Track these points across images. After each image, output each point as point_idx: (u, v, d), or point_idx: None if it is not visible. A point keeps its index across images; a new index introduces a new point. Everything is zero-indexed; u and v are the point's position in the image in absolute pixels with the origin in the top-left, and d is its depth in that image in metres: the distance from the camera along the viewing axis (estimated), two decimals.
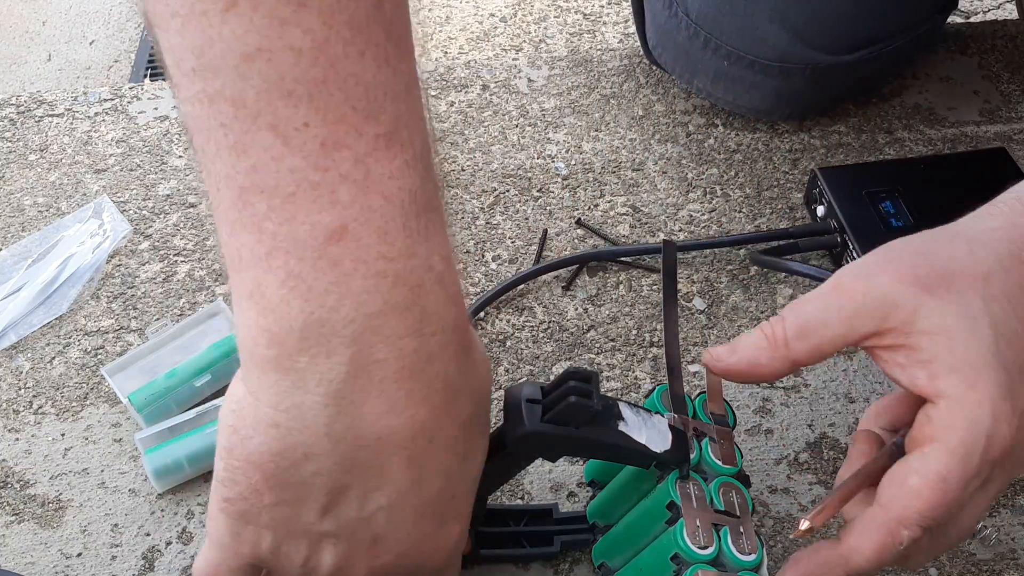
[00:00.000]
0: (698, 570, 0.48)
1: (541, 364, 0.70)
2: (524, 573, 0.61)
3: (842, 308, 0.46)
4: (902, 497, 0.43)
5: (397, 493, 0.43)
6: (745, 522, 0.50)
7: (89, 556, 0.62)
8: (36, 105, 0.89)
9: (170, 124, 0.87)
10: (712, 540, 0.49)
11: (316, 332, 0.38)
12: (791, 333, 0.47)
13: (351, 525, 0.43)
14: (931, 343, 0.44)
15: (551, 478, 0.64)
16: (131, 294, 0.75)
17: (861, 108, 0.87)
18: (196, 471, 0.64)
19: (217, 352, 0.68)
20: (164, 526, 0.63)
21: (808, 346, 0.47)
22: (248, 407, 0.40)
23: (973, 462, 0.43)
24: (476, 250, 0.77)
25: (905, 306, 0.44)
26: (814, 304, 0.47)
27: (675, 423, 0.52)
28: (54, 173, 0.83)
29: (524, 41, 1.41)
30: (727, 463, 0.52)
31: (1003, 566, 0.61)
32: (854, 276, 0.47)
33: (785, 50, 0.79)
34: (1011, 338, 0.44)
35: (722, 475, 0.52)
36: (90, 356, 0.71)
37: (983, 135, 0.85)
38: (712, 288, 0.74)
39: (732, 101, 0.84)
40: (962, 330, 0.43)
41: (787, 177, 0.82)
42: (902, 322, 0.44)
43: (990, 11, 1.39)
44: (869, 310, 0.45)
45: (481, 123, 0.87)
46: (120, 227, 0.77)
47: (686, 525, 0.49)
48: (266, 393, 0.40)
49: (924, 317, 0.44)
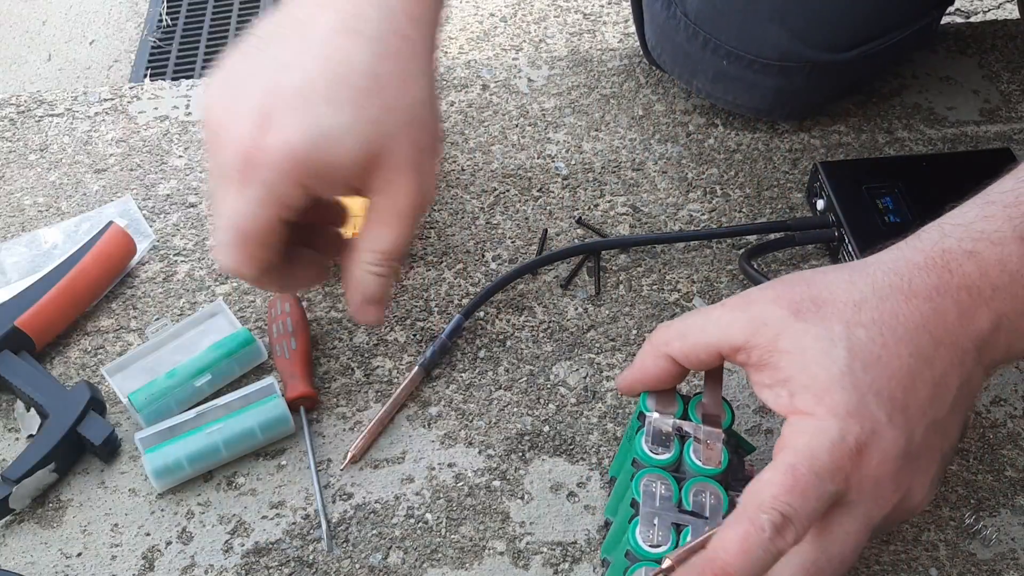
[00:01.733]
0: (641, 568, 0.49)
1: (541, 364, 0.70)
2: (524, 573, 0.61)
3: (720, 319, 0.50)
4: (756, 488, 0.45)
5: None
6: (714, 524, 0.50)
7: (89, 556, 0.62)
8: (36, 105, 0.89)
9: (170, 124, 0.87)
10: (668, 539, 0.50)
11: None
12: (673, 334, 0.52)
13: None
14: (789, 362, 0.47)
15: (551, 478, 0.65)
16: (131, 294, 0.75)
17: (861, 108, 0.87)
18: (196, 471, 0.64)
19: (217, 352, 0.68)
20: (164, 526, 0.63)
21: (684, 346, 0.52)
22: None
23: (821, 458, 0.45)
24: (476, 250, 0.77)
25: (774, 326, 0.48)
26: (701, 313, 0.52)
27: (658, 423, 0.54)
28: (54, 173, 0.83)
29: (524, 41, 1.40)
30: (709, 464, 0.52)
31: (1003, 566, 0.61)
32: (744, 296, 0.51)
33: (784, 49, 0.79)
34: (870, 362, 0.46)
35: (701, 476, 0.52)
36: (90, 356, 0.71)
37: (983, 135, 0.85)
38: (712, 288, 0.74)
39: (732, 101, 0.84)
40: (817, 351, 0.47)
41: (787, 177, 0.82)
42: (768, 340, 0.48)
43: (990, 11, 1.39)
44: (741, 324, 0.49)
45: (481, 123, 0.87)
46: (144, 233, 0.77)
47: (640, 523, 0.50)
48: None
49: (786, 338, 0.47)
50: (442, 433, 0.67)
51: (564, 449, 0.66)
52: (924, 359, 0.48)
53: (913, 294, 0.48)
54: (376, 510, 0.64)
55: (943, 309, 0.48)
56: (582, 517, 0.63)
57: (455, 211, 0.80)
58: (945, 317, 0.48)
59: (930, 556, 0.61)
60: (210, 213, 0.64)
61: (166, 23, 1.52)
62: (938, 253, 0.49)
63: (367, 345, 0.71)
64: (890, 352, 0.47)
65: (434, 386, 0.69)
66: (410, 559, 0.61)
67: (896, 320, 0.48)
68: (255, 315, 0.73)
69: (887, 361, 0.47)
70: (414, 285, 0.75)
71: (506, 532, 0.62)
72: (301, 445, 0.66)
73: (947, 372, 0.48)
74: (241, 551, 0.62)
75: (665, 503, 0.51)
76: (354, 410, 0.68)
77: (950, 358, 0.48)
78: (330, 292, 0.75)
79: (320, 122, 0.52)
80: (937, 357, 0.48)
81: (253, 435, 0.65)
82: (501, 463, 0.65)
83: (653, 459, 0.53)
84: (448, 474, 0.65)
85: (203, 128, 0.55)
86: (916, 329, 0.48)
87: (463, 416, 0.68)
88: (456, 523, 0.63)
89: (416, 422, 0.68)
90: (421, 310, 0.73)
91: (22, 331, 0.68)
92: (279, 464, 0.66)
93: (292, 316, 0.70)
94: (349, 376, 0.70)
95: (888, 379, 0.47)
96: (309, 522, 0.63)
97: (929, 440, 0.48)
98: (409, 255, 0.77)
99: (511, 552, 0.62)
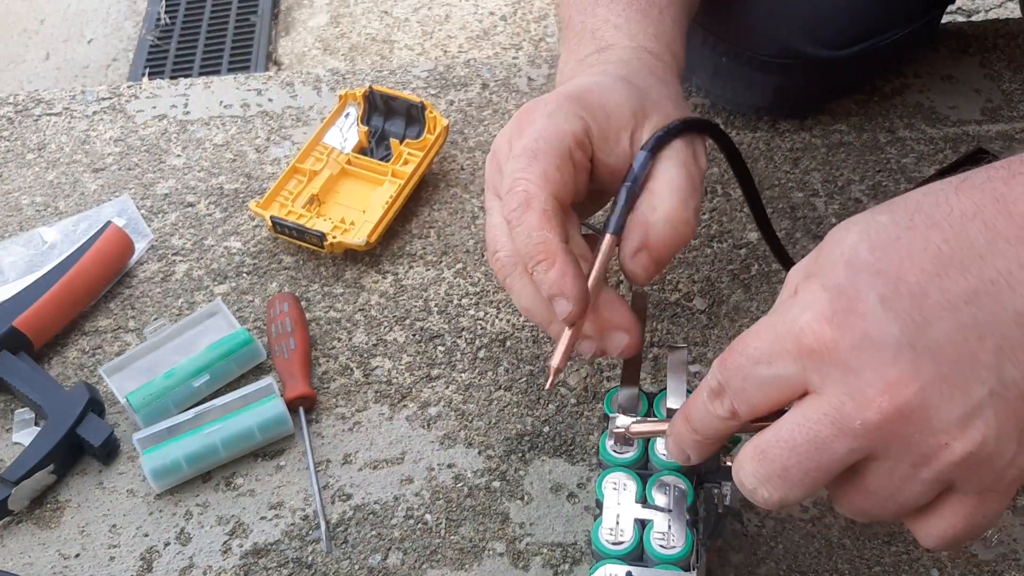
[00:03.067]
0: (604, 565, 0.50)
1: (541, 364, 0.70)
2: (524, 574, 0.60)
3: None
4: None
5: None
6: (676, 516, 0.51)
7: (87, 557, 0.62)
8: (34, 104, 0.89)
9: (168, 123, 0.87)
10: (630, 536, 0.50)
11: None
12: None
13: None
14: (811, 256, 0.44)
15: (551, 479, 0.64)
16: (129, 294, 0.75)
17: (862, 107, 0.87)
18: (194, 471, 0.64)
19: (215, 352, 0.68)
20: (162, 527, 0.63)
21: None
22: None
23: (754, 341, 0.42)
24: (476, 250, 0.77)
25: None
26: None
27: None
28: (52, 172, 0.83)
29: (524, 40, 1.40)
30: (674, 458, 0.52)
31: (1005, 567, 0.61)
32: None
33: (783, 46, 0.78)
34: (881, 243, 0.41)
35: (666, 470, 0.53)
36: (88, 356, 0.71)
37: (984, 134, 0.85)
38: (713, 288, 0.74)
39: (731, 99, 0.84)
40: (831, 240, 0.42)
41: (788, 176, 0.82)
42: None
43: (992, 10, 1.38)
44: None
45: (481, 122, 0.86)
46: (142, 233, 0.77)
47: (603, 522, 0.51)
48: None
49: (826, 240, 0.43)
50: (442, 434, 0.67)
51: (564, 450, 0.66)
52: (969, 249, 0.39)
53: (967, 186, 0.41)
54: (375, 511, 0.63)
55: (1008, 196, 0.40)
56: (582, 518, 0.63)
57: (455, 211, 0.79)
58: (1011, 205, 0.39)
59: (932, 557, 0.61)
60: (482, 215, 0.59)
61: (164, 22, 1.52)
62: (1005, 163, 0.41)
63: (366, 345, 0.71)
64: (916, 235, 0.40)
65: (434, 386, 0.69)
66: (409, 560, 0.61)
67: (937, 208, 0.40)
68: (254, 315, 0.73)
69: (907, 243, 0.40)
70: (414, 285, 0.75)
71: (506, 533, 0.62)
72: (300, 446, 0.66)
73: (1012, 272, 0.39)
74: (240, 552, 0.62)
75: (626, 500, 0.52)
76: (353, 410, 0.68)
77: (1019, 256, 0.39)
78: (329, 292, 0.74)
79: (586, 81, 0.56)
80: (994, 251, 0.39)
81: (252, 435, 0.65)
82: (501, 464, 0.65)
83: (617, 459, 0.54)
84: (448, 475, 0.65)
85: (488, 166, 0.57)
86: (963, 216, 0.40)
87: (463, 416, 0.68)
88: (456, 524, 0.63)
89: (416, 422, 0.67)
90: (421, 310, 0.73)
91: (20, 331, 0.68)
92: (278, 465, 0.66)
93: (291, 316, 0.70)
94: (348, 376, 0.70)
95: (900, 260, 0.40)
96: (308, 523, 0.63)
97: (963, 347, 0.39)
98: (409, 255, 0.77)
99: (511, 553, 0.61)
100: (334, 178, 0.79)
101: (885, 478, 0.41)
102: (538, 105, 0.54)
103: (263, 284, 0.75)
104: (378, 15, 1.47)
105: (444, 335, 0.72)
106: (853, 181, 0.81)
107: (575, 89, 0.55)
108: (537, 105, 0.54)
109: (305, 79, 0.91)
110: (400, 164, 0.79)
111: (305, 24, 1.49)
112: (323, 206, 0.78)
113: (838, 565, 0.60)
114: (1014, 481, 0.41)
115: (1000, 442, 0.39)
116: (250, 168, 0.83)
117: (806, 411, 0.41)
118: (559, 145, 0.52)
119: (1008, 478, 0.41)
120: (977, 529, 0.43)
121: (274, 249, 0.77)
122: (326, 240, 0.74)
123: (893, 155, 0.83)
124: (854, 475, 0.42)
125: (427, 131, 0.80)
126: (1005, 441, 0.40)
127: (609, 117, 0.54)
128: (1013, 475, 0.41)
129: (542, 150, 0.52)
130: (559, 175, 0.52)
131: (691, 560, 0.50)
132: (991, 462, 0.40)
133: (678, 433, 0.47)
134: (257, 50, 1.44)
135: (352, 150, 0.81)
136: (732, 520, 0.62)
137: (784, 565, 0.60)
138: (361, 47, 1.42)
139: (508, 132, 0.55)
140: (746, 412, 0.43)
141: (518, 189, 0.51)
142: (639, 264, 0.53)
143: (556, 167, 0.52)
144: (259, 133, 0.86)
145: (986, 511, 0.42)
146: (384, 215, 0.76)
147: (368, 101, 0.83)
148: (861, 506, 0.43)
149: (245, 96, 0.89)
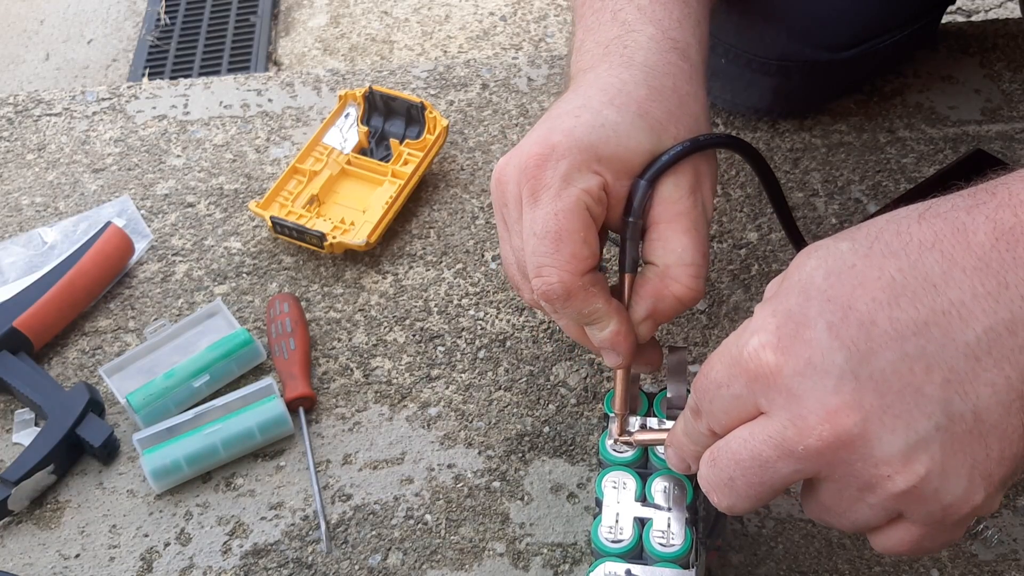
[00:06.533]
0: (603, 563, 0.50)
1: (541, 364, 0.70)
2: (524, 574, 0.60)
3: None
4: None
5: None
6: (676, 514, 0.51)
7: (87, 557, 0.62)
8: (34, 104, 0.89)
9: (168, 123, 0.87)
10: (630, 535, 0.51)
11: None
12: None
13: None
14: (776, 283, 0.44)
15: (551, 479, 0.64)
16: (129, 294, 0.75)
17: (862, 107, 0.87)
18: (194, 472, 0.64)
19: (215, 352, 0.68)
20: (162, 527, 0.63)
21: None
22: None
23: (717, 365, 0.42)
24: (476, 250, 0.77)
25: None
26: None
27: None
28: (52, 172, 0.83)
29: (524, 40, 1.40)
30: (675, 466, 0.52)
31: (1005, 567, 0.61)
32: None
33: (783, 47, 0.78)
34: (836, 271, 0.41)
35: (666, 469, 0.52)
36: (88, 356, 0.71)
37: (984, 134, 0.85)
38: (713, 288, 0.74)
39: (730, 100, 0.84)
40: (793, 266, 0.42)
41: (788, 177, 0.82)
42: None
43: (992, 10, 1.38)
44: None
45: (481, 122, 0.86)
46: (142, 233, 0.77)
47: (602, 521, 0.51)
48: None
49: (792, 267, 0.43)
50: (442, 434, 0.67)
51: (564, 450, 0.66)
52: (924, 279, 0.39)
53: (931, 214, 0.40)
54: (375, 511, 0.63)
55: (969, 227, 0.39)
56: (582, 518, 0.63)
57: (455, 211, 0.79)
58: (971, 235, 0.39)
59: (932, 557, 0.61)
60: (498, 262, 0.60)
61: (164, 22, 1.52)
62: (971, 191, 0.41)
63: (366, 345, 0.71)
64: (871, 263, 0.40)
65: (434, 386, 0.69)
66: (409, 560, 0.61)
67: (897, 236, 0.40)
68: (253, 315, 0.73)
69: (861, 271, 0.40)
70: (413, 285, 0.75)
71: (506, 533, 0.62)
72: (300, 446, 0.66)
73: (965, 303, 0.38)
74: (240, 552, 0.62)
75: (625, 499, 0.52)
76: (353, 411, 0.68)
77: (974, 288, 0.38)
78: (328, 292, 0.74)
79: (602, 118, 0.52)
80: (949, 282, 0.38)
81: (252, 436, 0.65)
82: (501, 464, 0.65)
83: (617, 458, 0.54)
84: (448, 475, 0.65)
85: (493, 191, 0.55)
86: (921, 245, 0.39)
87: (463, 417, 0.68)
88: (456, 524, 0.63)
89: (416, 422, 0.67)
90: (421, 310, 0.73)
91: (20, 332, 0.68)
92: (278, 465, 0.66)
93: (291, 316, 0.70)
94: (348, 377, 0.70)
95: (852, 288, 0.39)
96: (308, 523, 0.63)
97: (908, 378, 0.38)
98: (409, 256, 0.77)
99: (511, 553, 0.61)
100: (334, 178, 0.79)
101: (835, 498, 0.42)
102: (550, 160, 0.50)
103: (263, 284, 0.75)
104: (378, 15, 1.47)
105: (444, 335, 0.72)
106: (853, 181, 0.81)
107: (589, 136, 0.51)
108: (549, 160, 0.51)
109: (305, 79, 0.91)
110: (400, 164, 0.79)
111: (305, 24, 1.49)
112: (323, 206, 0.78)
113: (838, 565, 0.60)
114: (965, 518, 0.41)
115: (945, 478, 0.39)
116: (250, 168, 0.83)
117: (753, 429, 0.41)
118: (581, 216, 0.50)
119: (958, 515, 0.40)
120: (926, 552, 0.43)
121: (274, 249, 0.77)
122: (326, 240, 0.74)
123: (893, 155, 0.83)
124: (811, 488, 0.43)
125: (427, 131, 0.81)
126: (952, 477, 0.39)
127: (625, 165, 0.52)
128: (965, 512, 0.40)
129: (565, 230, 0.50)
130: (587, 248, 0.50)
131: (690, 558, 0.50)
132: (937, 497, 0.40)
133: (677, 444, 0.48)
134: (257, 50, 1.44)
135: (352, 150, 0.81)
136: (732, 520, 0.62)
137: (784, 565, 0.60)
138: (361, 47, 1.42)
139: (516, 176, 0.52)
140: (720, 430, 0.44)
141: (553, 281, 0.50)
142: (645, 329, 0.53)
143: (583, 241, 0.50)
144: (259, 133, 0.86)
145: (935, 541, 0.42)
146: (384, 215, 0.76)
147: (368, 101, 0.83)
148: (820, 517, 0.45)
149: (245, 96, 0.89)
